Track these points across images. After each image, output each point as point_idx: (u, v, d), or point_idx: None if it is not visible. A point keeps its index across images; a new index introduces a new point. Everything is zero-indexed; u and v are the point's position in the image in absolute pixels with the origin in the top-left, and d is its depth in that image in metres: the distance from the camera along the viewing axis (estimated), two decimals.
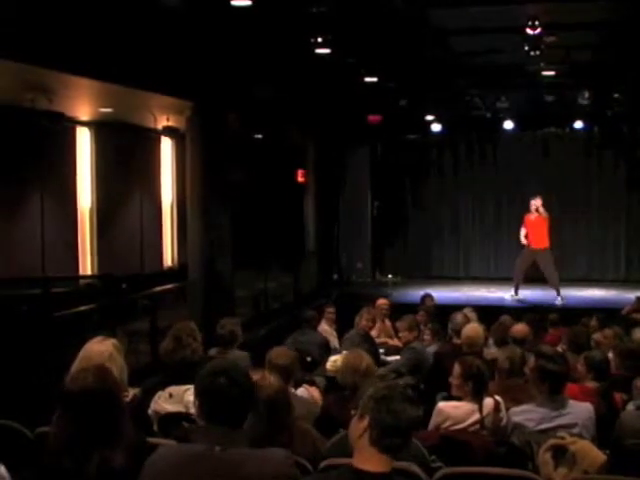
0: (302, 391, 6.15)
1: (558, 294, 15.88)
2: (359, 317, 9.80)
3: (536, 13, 11.11)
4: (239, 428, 3.27)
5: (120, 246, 16.01)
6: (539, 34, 11.43)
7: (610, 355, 7.57)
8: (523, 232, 16.26)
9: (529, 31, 11.30)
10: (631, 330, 8.86)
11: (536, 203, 16.08)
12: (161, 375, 6.16)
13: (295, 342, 9.05)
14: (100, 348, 4.81)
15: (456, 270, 20.25)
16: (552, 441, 4.67)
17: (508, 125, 18.45)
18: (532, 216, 16.18)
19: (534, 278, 17.12)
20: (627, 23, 12.40)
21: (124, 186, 16.33)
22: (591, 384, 6.33)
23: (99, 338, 4.95)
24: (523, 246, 16.29)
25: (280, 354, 5.86)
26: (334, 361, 8.06)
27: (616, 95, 16.73)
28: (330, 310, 10.98)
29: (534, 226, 16.13)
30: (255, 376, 4.66)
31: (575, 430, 5.19)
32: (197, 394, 3.37)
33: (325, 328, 10.42)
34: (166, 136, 16.95)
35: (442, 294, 15.34)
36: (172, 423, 5.19)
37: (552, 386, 5.44)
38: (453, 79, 16.21)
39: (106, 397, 3.57)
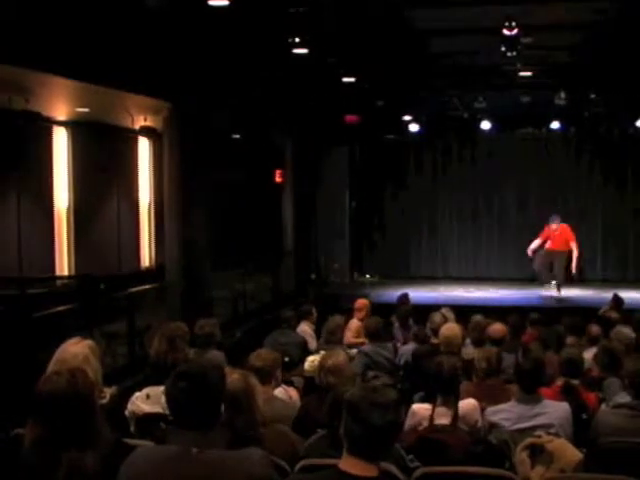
0: (280, 391, 6.14)
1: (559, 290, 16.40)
2: (333, 327, 9.60)
3: (513, 14, 11.16)
4: (210, 431, 3.23)
5: (97, 246, 15.94)
6: (516, 35, 11.47)
7: (587, 355, 7.63)
8: (536, 243, 16.48)
9: (506, 32, 11.34)
10: (610, 330, 8.91)
11: (555, 225, 16.62)
12: (147, 373, 6.13)
13: (274, 342, 9.04)
14: (75, 350, 4.77)
15: (434, 270, 20.31)
16: (529, 440, 4.70)
17: (485, 125, 18.53)
18: (555, 230, 16.60)
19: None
20: (604, 24, 12.48)
21: (101, 186, 16.26)
22: (561, 382, 6.35)
23: (74, 339, 4.91)
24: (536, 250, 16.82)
25: (259, 356, 5.84)
26: (312, 361, 8.06)
27: (592, 96, 16.84)
28: (311, 311, 10.95)
29: (557, 235, 16.56)
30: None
31: (552, 430, 5.22)
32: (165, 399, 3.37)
33: (304, 328, 10.41)
34: (143, 136, 16.88)
35: (420, 294, 15.38)
36: (149, 424, 5.17)
37: (525, 385, 5.48)
38: (431, 79, 16.24)
39: (78, 400, 3.54)
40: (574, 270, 16.59)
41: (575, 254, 16.50)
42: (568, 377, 6.33)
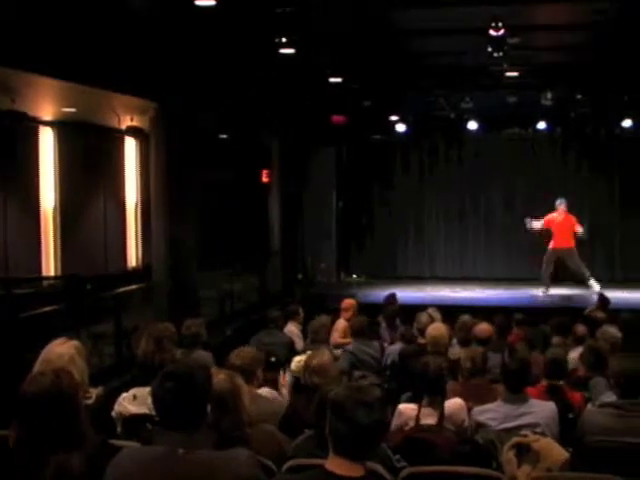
0: (266, 391, 6.13)
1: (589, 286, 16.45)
2: (318, 327, 9.47)
3: (500, 15, 11.18)
4: (196, 431, 3.22)
5: (84, 246, 15.90)
6: (502, 35, 11.50)
7: (573, 355, 7.67)
8: (539, 223, 16.69)
9: (492, 32, 11.37)
10: (596, 329, 8.94)
11: (563, 205, 16.58)
12: (134, 373, 6.12)
13: (260, 342, 9.02)
14: (61, 350, 4.76)
15: (421, 270, 20.32)
16: (515, 439, 4.72)
17: (472, 125, 18.58)
18: (559, 217, 16.52)
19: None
20: (590, 25, 12.53)
21: (88, 186, 16.22)
22: (545, 383, 6.37)
23: (60, 340, 4.90)
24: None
25: (238, 354, 5.82)
26: (298, 361, 8.05)
27: (579, 96, 16.91)
28: (298, 311, 10.94)
29: (561, 226, 16.54)
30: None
31: (538, 429, 5.24)
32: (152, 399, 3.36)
33: (291, 329, 10.39)
34: (130, 136, 16.85)
35: (407, 294, 15.38)
36: (136, 425, 5.16)
37: (511, 385, 5.50)
38: (417, 80, 16.27)
39: (62, 400, 3.52)
40: (579, 230, 16.64)
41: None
42: (552, 378, 6.33)
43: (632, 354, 5.89)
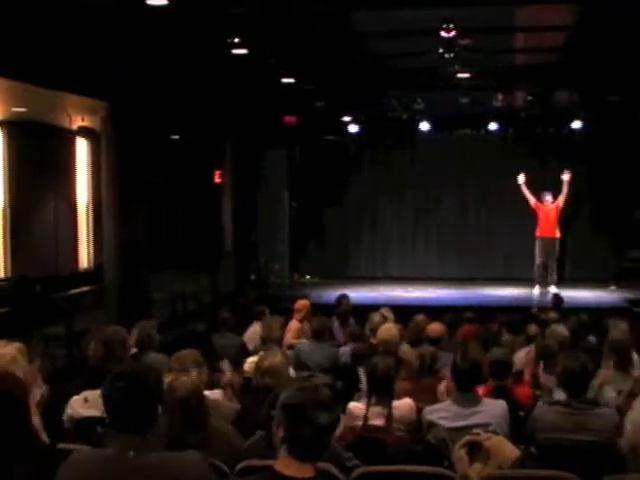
0: (215, 393, 6.11)
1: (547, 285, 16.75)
2: (267, 329, 9.50)
3: (451, 16, 11.26)
4: (147, 433, 3.19)
5: (34, 247, 15.70)
6: (454, 37, 11.59)
7: (522, 353, 7.76)
8: (530, 199, 17.11)
9: (444, 34, 11.45)
10: (546, 328, 9.05)
11: (549, 196, 17.02)
12: (85, 376, 6.07)
13: (216, 344, 9.00)
14: (2, 351, 4.74)
15: (374, 270, 20.40)
16: (467, 437, 4.76)
17: (424, 126, 18.70)
18: (547, 206, 17.00)
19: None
20: (540, 27, 12.68)
21: (38, 186, 16.02)
22: (492, 383, 6.40)
23: (1, 342, 4.88)
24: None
25: (178, 358, 5.80)
26: (251, 362, 8.04)
27: (529, 97, 17.10)
28: (264, 312, 10.90)
29: (547, 214, 17.01)
30: (169, 377, 4.64)
31: (490, 428, 5.28)
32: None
33: (257, 329, 10.30)
34: (81, 136, 16.71)
35: (360, 294, 15.43)
36: (87, 428, 5.13)
37: (462, 384, 5.54)
38: (370, 80, 16.32)
39: (8, 402, 3.49)
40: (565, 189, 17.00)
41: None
42: (497, 378, 6.36)
43: (575, 353, 5.98)
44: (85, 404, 5.38)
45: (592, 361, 6.04)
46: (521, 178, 17.27)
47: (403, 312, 11.18)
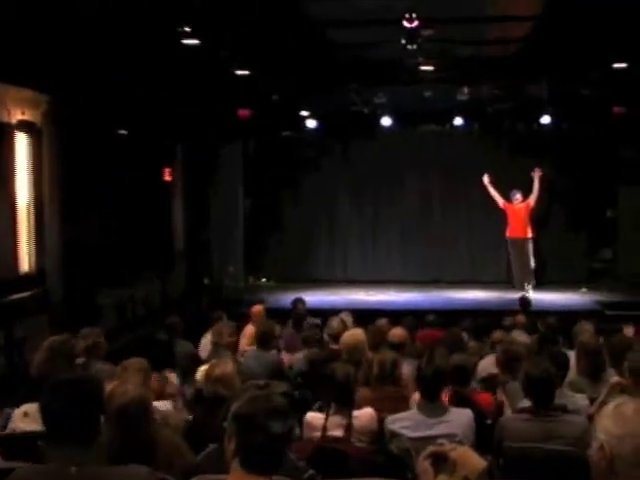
0: (165, 404, 6.08)
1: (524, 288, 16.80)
2: (217, 334, 9.45)
3: (414, 6, 11.27)
4: (90, 445, 3.18)
5: None
6: (416, 27, 11.60)
7: (489, 360, 7.81)
8: (498, 199, 17.44)
9: (406, 24, 11.46)
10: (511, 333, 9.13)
11: (518, 194, 17.30)
12: (26, 388, 6.02)
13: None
14: None
15: (333, 272, 20.38)
16: (431, 448, 4.75)
17: (386, 121, 18.68)
18: (516, 205, 17.26)
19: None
20: (506, 18, 12.76)
21: None
22: (451, 389, 6.43)
23: None
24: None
25: (124, 366, 5.76)
26: (203, 371, 8.01)
27: (496, 91, 17.18)
28: (222, 317, 10.85)
29: (517, 214, 17.24)
30: (110, 385, 4.60)
31: (456, 439, 5.30)
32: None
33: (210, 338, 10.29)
34: (21, 131, 16.47)
35: (319, 298, 15.47)
36: (27, 443, 5.07)
37: (426, 391, 5.55)
38: (329, 73, 16.30)
39: None
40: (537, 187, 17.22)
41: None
42: (457, 385, 6.38)
43: (539, 359, 6.02)
44: (25, 418, 5.32)
45: (560, 366, 6.07)
46: (486, 178, 17.42)
47: (364, 316, 11.21)
